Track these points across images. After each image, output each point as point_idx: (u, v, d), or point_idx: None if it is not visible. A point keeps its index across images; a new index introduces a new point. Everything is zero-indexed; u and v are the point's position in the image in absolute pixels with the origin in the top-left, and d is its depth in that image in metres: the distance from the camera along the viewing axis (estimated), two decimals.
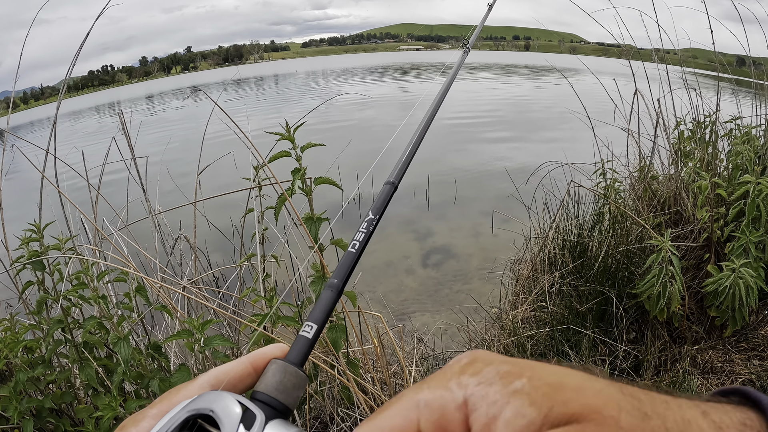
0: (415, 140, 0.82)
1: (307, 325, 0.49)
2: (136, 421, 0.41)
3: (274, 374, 0.45)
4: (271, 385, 0.44)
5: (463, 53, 1.36)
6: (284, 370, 0.45)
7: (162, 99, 35.66)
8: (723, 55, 4.17)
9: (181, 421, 0.40)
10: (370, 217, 0.63)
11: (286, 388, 0.44)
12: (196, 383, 0.45)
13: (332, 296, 0.54)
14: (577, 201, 3.78)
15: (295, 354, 0.47)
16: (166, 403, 0.43)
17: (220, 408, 0.40)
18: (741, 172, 2.97)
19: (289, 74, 63.73)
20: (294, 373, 0.45)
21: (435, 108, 0.94)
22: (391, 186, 0.70)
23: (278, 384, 0.44)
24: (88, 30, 2.62)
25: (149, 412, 0.42)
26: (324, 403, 2.45)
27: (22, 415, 1.87)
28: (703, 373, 2.79)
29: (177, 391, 0.44)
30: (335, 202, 6.20)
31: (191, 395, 0.43)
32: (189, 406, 0.41)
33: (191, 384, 0.45)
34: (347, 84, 34.15)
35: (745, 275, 2.50)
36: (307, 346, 0.48)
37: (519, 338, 3.01)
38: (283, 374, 0.45)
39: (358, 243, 0.59)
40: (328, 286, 0.54)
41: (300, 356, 0.47)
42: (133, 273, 2.05)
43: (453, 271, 5.03)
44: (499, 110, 16.31)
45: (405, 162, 0.77)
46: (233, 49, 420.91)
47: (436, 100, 0.97)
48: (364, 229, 0.61)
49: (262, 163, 2.16)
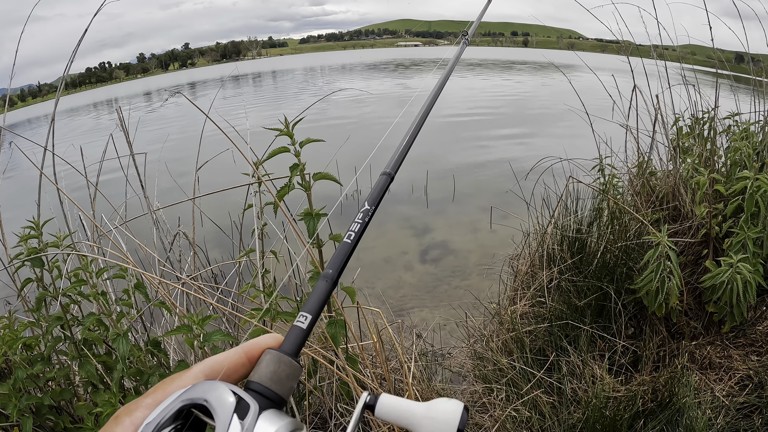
0: (412, 131, 0.82)
1: (302, 315, 0.49)
2: (130, 410, 0.41)
3: (268, 364, 0.45)
4: (265, 376, 0.44)
5: (462, 44, 1.35)
6: (278, 361, 0.45)
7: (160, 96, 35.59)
8: (722, 51, 4.16)
9: (175, 410, 0.40)
10: (366, 207, 0.63)
11: (280, 379, 0.44)
12: (191, 373, 0.45)
13: (327, 287, 0.54)
14: (576, 197, 3.79)
15: (289, 344, 0.47)
16: (160, 393, 0.43)
17: (214, 398, 0.40)
18: (739, 168, 2.97)
19: (287, 70, 63.60)
20: (288, 364, 0.45)
21: (433, 99, 0.94)
22: (387, 177, 0.70)
23: (272, 374, 0.44)
24: (86, 27, 2.61)
25: (143, 402, 0.42)
26: (323, 398, 2.45)
27: (22, 412, 1.87)
28: (702, 369, 2.80)
29: (171, 381, 0.44)
30: (334, 198, 6.20)
31: (185, 385, 0.43)
32: (183, 395, 0.41)
33: (185, 374, 0.45)
34: (346, 80, 34.08)
35: (743, 271, 2.50)
36: (302, 337, 0.48)
37: (518, 333, 3.01)
38: (277, 364, 0.45)
39: (353, 234, 0.59)
40: (323, 276, 0.54)
41: (294, 346, 0.47)
42: (132, 269, 2.05)
43: (452, 266, 5.03)
44: (498, 106, 16.29)
45: (402, 153, 0.76)
46: (231, 46, 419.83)
47: (434, 91, 0.97)
48: (360, 219, 0.61)
49: (259, 160, 2.16)
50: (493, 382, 2.79)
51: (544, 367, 2.79)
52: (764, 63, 4.29)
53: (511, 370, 2.80)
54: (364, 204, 0.63)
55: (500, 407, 2.61)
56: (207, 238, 4.59)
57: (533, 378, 2.71)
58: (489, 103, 17.29)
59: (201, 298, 2.19)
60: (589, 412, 2.39)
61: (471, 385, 2.91)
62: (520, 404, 2.57)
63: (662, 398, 2.48)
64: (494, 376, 2.83)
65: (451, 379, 3.07)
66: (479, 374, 2.92)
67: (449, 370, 3.13)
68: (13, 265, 2.13)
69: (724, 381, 2.70)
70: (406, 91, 21.75)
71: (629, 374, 2.80)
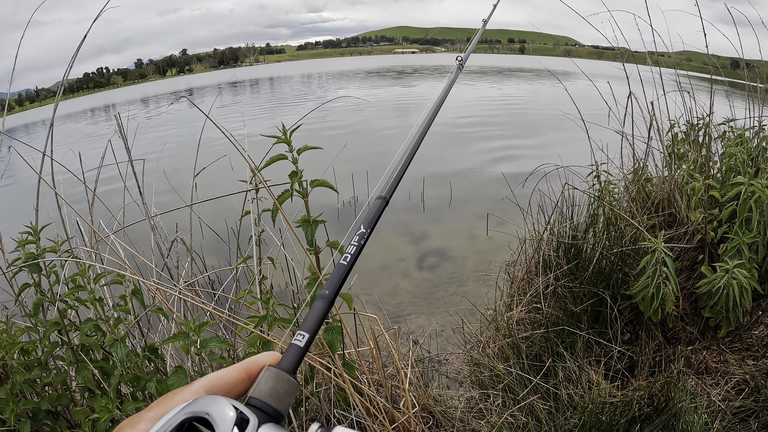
0: (406, 157, 0.84)
1: (300, 334, 0.51)
2: (132, 423, 0.42)
3: (267, 381, 0.46)
4: (264, 391, 0.46)
5: (456, 70, 1.37)
6: (277, 377, 0.47)
7: (158, 102, 35.57)
8: (716, 57, 4.19)
9: (177, 423, 0.41)
10: (362, 230, 0.65)
11: (278, 394, 0.46)
12: (192, 388, 0.46)
13: (324, 306, 0.56)
14: (572, 203, 3.80)
15: (287, 362, 0.49)
16: (163, 407, 0.44)
17: (215, 411, 0.41)
18: (734, 174, 2.99)
19: (284, 77, 63.71)
20: (286, 380, 0.47)
21: (426, 125, 0.96)
22: (383, 201, 0.72)
23: (271, 390, 0.46)
24: (86, 33, 2.62)
25: (146, 415, 0.43)
26: (320, 404, 2.45)
27: (19, 417, 1.87)
28: (698, 374, 2.81)
29: (173, 395, 0.45)
30: (330, 204, 6.21)
31: (187, 399, 0.44)
32: (185, 409, 0.42)
33: (187, 389, 0.46)
34: (343, 87, 34.14)
35: (738, 276, 2.51)
36: (299, 354, 0.50)
37: (514, 339, 3.02)
38: (275, 381, 0.46)
39: (349, 256, 0.61)
40: (320, 297, 0.56)
41: (292, 364, 0.49)
42: (130, 275, 2.05)
43: (448, 273, 5.03)
44: (494, 113, 16.34)
45: (397, 177, 0.78)
46: (229, 52, 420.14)
47: (428, 117, 0.98)
48: (356, 242, 0.63)
49: (257, 167, 2.17)
50: (489, 388, 2.80)
51: (540, 372, 2.80)
52: (759, 69, 4.32)
53: (507, 376, 2.80)
54: (359, 227, 0.65)
55: (497, 413, 2.61)
56: (204, 243, 4.58)
57: (530, 384, 2.71)
58: (485, 109, 17.34)
59: (198, 305, 2.19)
60: (585, 417, 2.40)
61: (468, 391, 2.92)
62: (517, 410, 2.58)
63: (659, 403, 2.49)
64: (491, 382, 2.84)
65: (448, 385, 3.07)
66: (476, 380, 2.93)
67: (446, 376, 3.13)
68: (10, 270, 2.13)
69: (720, 385, 2.71)
70: (403, 99, 21.81)
71: (625, 379, 2.81)
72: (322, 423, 0.95)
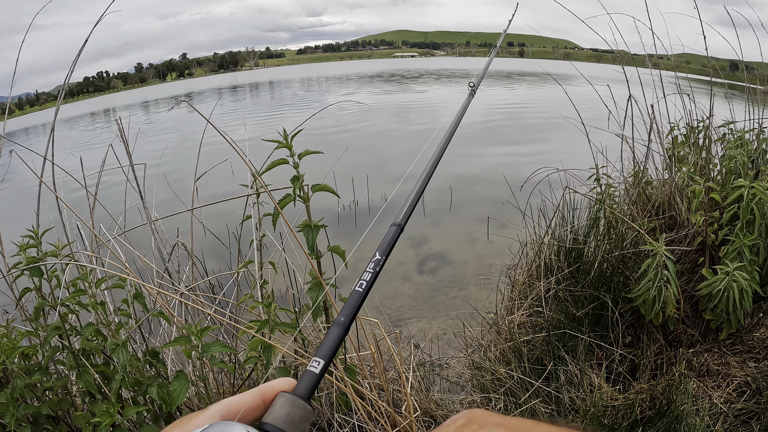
0: (420, 183, 0.84)
1: (315, 360, 0.51)
2: None
3: (282, 407, 0.46)
4: (279, 417, 0.45)
5: (468, 95, 1.36)
6: (292, 403, 0.46)
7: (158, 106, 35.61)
8: (716, 60, 4.19)
9: None
10: (377, 258, 0.65)
11: (293, 421, 0.45)
12: (207, 413, 0.47)
13: (339, 333, 0.55)
14: (572, 207, 3.80)
15: (302, 388, 0.49)
16: (178, 431, 0.44)
17: None
18: (735, 176, 2.99)
19: (284, 81, 63.79)
20: (301, 407, 0.47)
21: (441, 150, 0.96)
22: (398, 228, 0.72)
23: (286, 416, 0.45)
24: (86, 37, 2.62)
25: None
26: (322, 409, 2.45)
27: (19, 421, 1.86)
28: (699, 376, 2.81)
29: (188, 420, 0.46)
30: (331, 209, 6.21)
31: (202, 424, 0.44)
32: None
33: (202, 414, 0.47)
34: (343, 92, 34.18)
35: (739, 278, 2.51)
36: (315, 381, 0.50)
37: (515, 343, 3.01)
38: (291, 407, 0.46)
39: (365, 283, 0.61)
40: (335, 323, 0.56)
41: (307, 390, 0.49)
42: (131, 279, 2.05)
43: (449, 277, 5.03)
44: (494, 117, 16.34)
45: (411, 203, 0.78)
46: (228, 56, 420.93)
47: (443, 141, 0.98)
48: (371, 269, 0.63)
49: (258, 172, 2.17)
50: (491, 392, 2.79)
51: (542, 376, 2.79)
52: (759, 71, 4.33)
53: (509, 379, 2.80)
54: (375, 254, 0.65)
55: None
56: (205, 248, 4.59)
57: (531, 387, 2.71)
58: (485, 113, 17.34)
59: (199, 309, 2.19)
60: (587, 420, 2.40)
61: (469, 395, 2.91)
62: (519, 414, 2.57)
63: (660, 406, 2.49)
64: (492, 386, 2.84)
65: (449, 389, 3.06)
66: (477, 384, 2.93)
67: (447, 380, 3.13)
68: (11, 274, 2.13)
69: (722, 388, 2.71)
70: (403, 103, 21.83)
71: (627, 383, 2.81)
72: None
